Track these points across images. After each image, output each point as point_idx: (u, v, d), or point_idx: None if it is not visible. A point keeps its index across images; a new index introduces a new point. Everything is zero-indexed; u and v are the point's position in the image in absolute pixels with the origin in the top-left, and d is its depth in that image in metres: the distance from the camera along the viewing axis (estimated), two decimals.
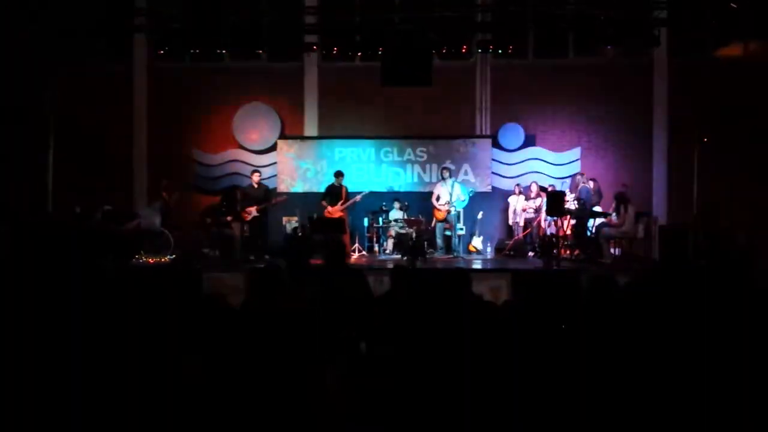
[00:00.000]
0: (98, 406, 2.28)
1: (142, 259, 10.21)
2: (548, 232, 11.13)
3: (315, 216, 10.86)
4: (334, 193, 11.20)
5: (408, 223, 11.23)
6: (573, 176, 11.72)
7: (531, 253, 11.21)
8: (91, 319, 2.81)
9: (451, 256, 11.18)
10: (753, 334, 3.26)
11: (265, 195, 11.20)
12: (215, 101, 13.30)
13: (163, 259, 10.26)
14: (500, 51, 11.57)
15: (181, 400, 2.43)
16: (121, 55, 13.20)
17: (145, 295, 3.93)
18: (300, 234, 11.07)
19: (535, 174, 12.49)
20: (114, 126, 13.07)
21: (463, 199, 11.26)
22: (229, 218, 10.88)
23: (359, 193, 11.27)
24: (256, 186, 11.21)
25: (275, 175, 12.81)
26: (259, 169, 11.88)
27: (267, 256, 10.74)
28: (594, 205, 11.17)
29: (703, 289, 5.22)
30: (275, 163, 12.87)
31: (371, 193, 11.62)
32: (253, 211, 10.85)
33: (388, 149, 12.81)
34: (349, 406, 3.19)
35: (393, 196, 12.07)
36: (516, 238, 11.69)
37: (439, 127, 12.92)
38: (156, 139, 13.30)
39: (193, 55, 12.08)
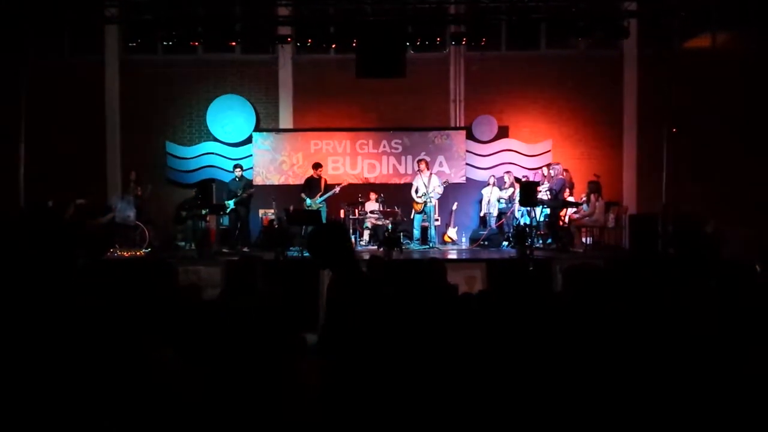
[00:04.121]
0: (69, 399, 2.29)
1: (117, 252, 10.15)
2: (522, 222, 11.27)
3: (292, 208, 10.89)
4: (313, 185, 11.24)
5: (384, 214, 11.29)
6: (548, 167, 11.80)
7: (505, 243, 11.34)
8: (63, 311, 2.82)
9: (427, 246, 11.27)
10: (721, 318, 3.37)
11: (244, 188, 11.24)
12: (188, 93, 13.20)
13: (138, 253, 10.21)
14: (473, 43, 11.62)
15: (155, 393, 2.45)
16: (93, 47, 13.03)
17: (118, 288, 3.94)
18: (276, 226, 11.07)
19: (508, 165, 12.63)
20: (86, 119, 12.90)
21: (440, 191, 11.36)
22: (204, 211, 10.87)
23: (337, 185, 11.31)
24: (238, 179, 11.30)
25: (251, 168, 12.77)
26: (240, 162, 11.90)
27: (245, 249, 10.76)
28: (568, 196, 11.34)
29: (672, 275, 5.36)
30: (250, 155, 12.83)
31: (349, 184, 11.67)
32: (230, 204, 10.97)
33: (364, 141, 12.84)
34: (324, 397, 3.22)
35: (369, 188, 12.11)
36: (490, 228, 11.82)
37: (414, 119, 12.98)
38: (129, 131, 13.17)
39: (165, 47, 11.94)
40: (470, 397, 2.97)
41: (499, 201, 11.85)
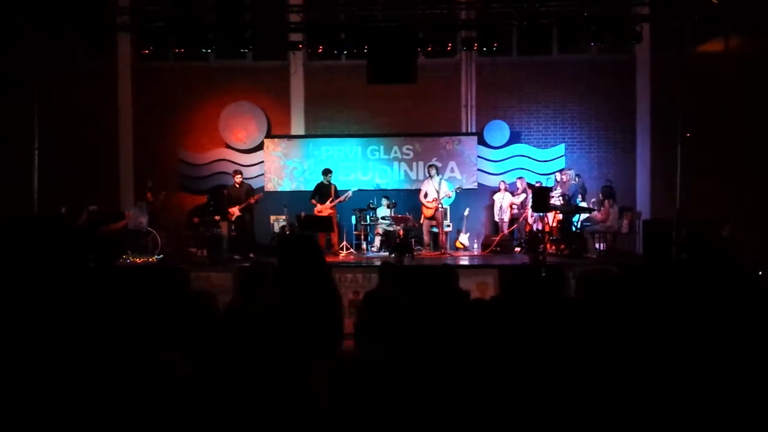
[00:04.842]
0: (80, 406, 2.28)
1: (129, 259, 10.19)
2: (534, 228, 11.22)
3: (303, 214, 10.88)
4: (323, 191, 11.24)
5: (395, 220, 11.27)
6: (561, 172, 11.74)
7: (517, 249, 11.28)
8: (75, 319, 2.81)
9: (439, 252, 11.23)
10: (737, 323, 3.32)
11: (246, 194, 11.21)
12: (201, 100, 13.26)
13: (150, 259, 10.24)
14: (485, 48, 11.59)
15: (163, 396, 2.43)
16: (105, 55, 13.12)
17: (130, 294, 3.94)
18: (288, 233, 11.07)
19: (520, 170, 12.58)
20: (99, 126, 12.99)
21: (450, 196, 11.33)
22: (216, 217, 10.89)
23: (348, 190, 11.31)
24: (238, 186, 11.24)
25: (262, 174, 12.80)
26: (240, 169, 11.88)
27: (251, 255, 10.73)
28: (581, 201, 11.28)
29: (686, 281, 5.30)
30: (262, 162, 12.86)
31: (360, 190, 11.65)
32: (235, 211, 10.90)
33: (375, 147, 12.84)
34: (335, 406, 3.20)
35: (380, 194, 12.11)
36: (502, 234, 11.77)
37: (425, 125, 12.97)
38: (142, 138, 13.25)
39: (177, 54, 12.01)
40: (482, 404, 2.94)
41: (511, 207, 11.80)
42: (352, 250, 11.58)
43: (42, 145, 11.49)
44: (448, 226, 11.70)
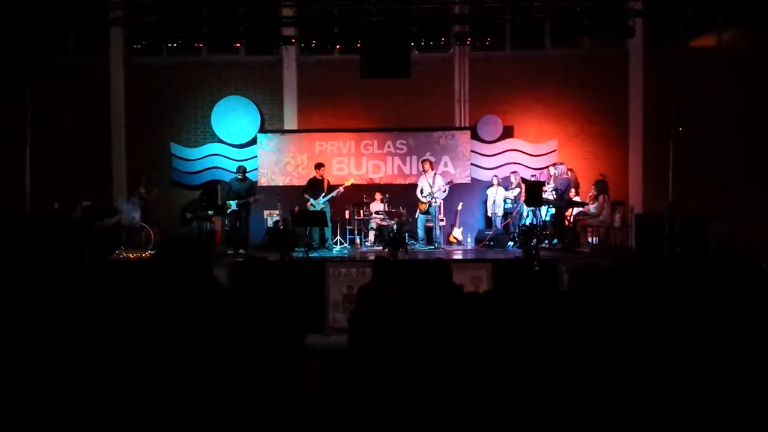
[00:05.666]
0: (76, 402, 2.28)
1: (122, 254, 10.17)
2: (527, 222, 11.25)
3: (297, 209, 10.88)
4: (317, 185, 11.24)
5: (389, 214, 11.28)
6: (553, 166, 11.78)
7: (510, 243, 11.31)
8: (74, 317, 2.81)
9: (432, 247, 11.26)
10: (731, 318, 3.35)
11: (248, 190, 11.20)
12: (193, 95, 13.22)
13: (143, 255, 10.22)
14: (478, 43, 11.61)
15: (159, 394, 2.43)
16: (98, 49, 13.07)
17: (123, 289, 3.94)
18: (282, 227, 11.06)
19: (513, 165, 12.61)
20: (91, 121, 12.94)
21: (444, 190, 11.35)
22: (209, 212, 10.86)
23: (341, 185, 11.31)
24: (241, 179, 11.25)
25: (256, 169, 12.78)
26: (244, 165, 11.90)
27: (241, 251, 10.62)
28: (573, 195, 11.31)
29: (680, 275, 5.33)
30: (255, 156, 12.84)
31: (353, 185, 11.65)
32: (232, 204, 10.91)
33: (368, 142, 12.83)
34: (330, 400, 3.21)
35: (374, 189, 12.10)
36: (495, 228, 11.80)
37: (418, 120, 12.96)
38: (134, 133, 13.19)
39: (170, 48, 11.97)
40: (476, 396, 2.95)
41: (505, 201, 11.83)
42: (345, 244, 11.58)
43: (34, 140, 11.45)
44: (442, 220, 11.72)
